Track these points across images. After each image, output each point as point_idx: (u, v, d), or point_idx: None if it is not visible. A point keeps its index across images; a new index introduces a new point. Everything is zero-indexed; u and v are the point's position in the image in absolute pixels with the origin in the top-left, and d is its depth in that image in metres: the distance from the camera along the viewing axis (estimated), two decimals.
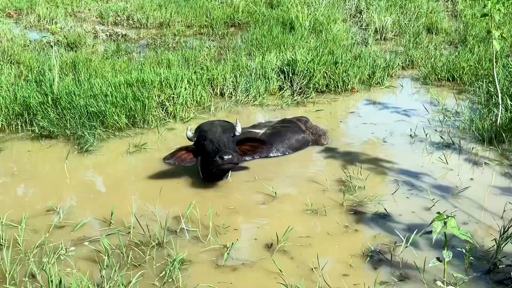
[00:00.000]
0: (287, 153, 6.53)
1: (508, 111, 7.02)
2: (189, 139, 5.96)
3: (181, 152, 5.86)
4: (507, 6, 12.41)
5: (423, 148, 6.63)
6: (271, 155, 6.43)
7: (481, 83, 8.51)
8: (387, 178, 5.83)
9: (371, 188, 5.54)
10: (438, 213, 3.94)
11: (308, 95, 8.73)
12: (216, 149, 5.57)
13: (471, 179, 5.73)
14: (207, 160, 5.65)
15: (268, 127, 6.85)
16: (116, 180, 5.97)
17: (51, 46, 10.66)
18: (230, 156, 5.44)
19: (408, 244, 4.41)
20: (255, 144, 6.04)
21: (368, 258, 4.33)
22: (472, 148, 6.54)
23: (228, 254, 4.39)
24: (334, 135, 7.20)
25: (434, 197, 5.29)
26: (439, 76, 9.55)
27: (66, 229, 4.87)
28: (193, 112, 8.00)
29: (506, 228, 4.34)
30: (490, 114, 7.19)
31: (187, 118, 7.82)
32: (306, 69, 9.01)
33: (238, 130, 6.04)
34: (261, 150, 6.10)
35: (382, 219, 4.94)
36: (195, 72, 8.94)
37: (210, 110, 8.09)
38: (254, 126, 6.97)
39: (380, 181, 5.78)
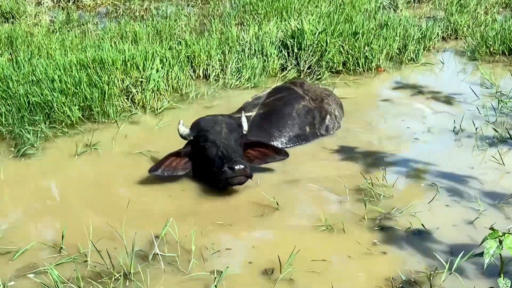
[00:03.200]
0: (292, 143, 6.67)
1: None
2: (183, 137, 6.02)
3: (171, 159, 5.91)
4: None
5: (471, 145, 6.68)
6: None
7: None
8: (421, 182, 5.88)
9: (401, 196, 5.58)
10: (492, 228, 3.94)
11: (319, 77, 8.76)
12: (222, 155, 5.64)
13: None
14: (210, 169, 5.72)
15: (259, 106, 6.96)
16: (66, 192, 5.99)
17: None
18: (243, 167, 5.50)
19: (452, 270, 4.43)
20: (266, 151, 6.14)
21: None
22: None
23: (215, 286, 4.41)
24: (353, 128, 7.26)
25: (484, 207, 5.33)
26: (491, 49, 9.61)
27: (4, 257, 4.88)
28: (168, 101, 8.02)
29: None
30: None
31: (159, 108, 7.86)
32: (317, 42, 9.06)
33: (245, 128, 6.13)
34: (273, 159, 6.17)
35: (416, 236, 4.97)
36: (170, 49, 8.97)
37: (189, 98, 8.11)
38: (241, 110, 7.06)
39: (411, 187, 5.83)
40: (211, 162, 5.70)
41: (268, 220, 5.35)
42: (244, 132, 6.09)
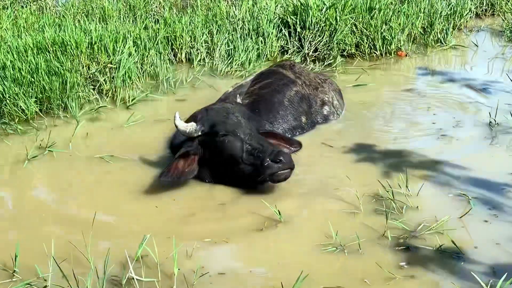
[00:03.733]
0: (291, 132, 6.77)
1: None
2: (188, 133, 5.97)
3: (178, 162, 5.92)
4: None
5: (508, 143, 6.71)
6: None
7: None
8: (451, 191, 5.86)
9: (428, 209, 5.56)
10: None
11: (328, 62, 8.73)
12: (254, 149, 5.77)
13: None
14: (237, 167, 5.85)
15: (243, 96, 6.96)
16: (18, 203, 5.94)
17: None
18: (289, 157, 5.72)
19: None
20: (277, 142, 6.24)
21: None
22: None
23: None
24: (370, 123, 7.26)
25: None
26: None
27: None
28: (142, 91, 7.97)
29: None
30: None
31: (132, 99, 7.82)
32: (324, 19, 9.04)
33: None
34: (285, 151, 6.19)
35: (449, 257, 4.93)
36: (145, 28, 8.92)
37: (167, 87, 8.06)
38: (222, 100, 7.07)
39: (440, 197, 5.80)
40: (238, 159, 5.81)
41: (270, 235, 5.31)
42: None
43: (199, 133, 5.98)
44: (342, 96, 7.64)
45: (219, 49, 8.78)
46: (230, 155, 5.86)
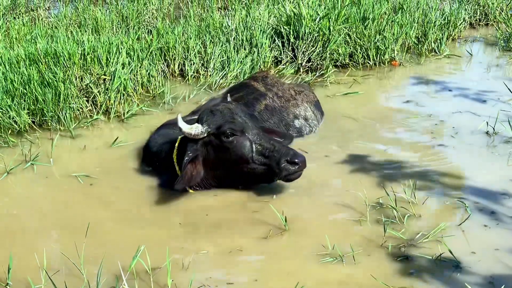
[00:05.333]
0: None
1: None
2: (194, 136, 5.91)
3: (188, 168, 5.88)
4: None
5: (507, 152, 6.70)
6: None
7: None
8: (450, 199, 5.84)
9: (427, 217, 5.54)
10: None
11: (321, 72, 8.73)
12: (267, 150, 5.82)
13: None
14: (249, 167, 5.88)
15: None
16: (11, 215, 5.91)
17: None
18: (304, 158, 5.80)
19: None
20: (271, 136, 6.24)
21: None
22: None
23: None
24: (365, 134, 7.23)
25: None
26: None
27: None
28: (137, 103, 7.95)
29: None
30: None
31: (127, 113, 7.79)
32: (317, 29, 9.05)
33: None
34: None
35: (447, 267, 4.91)
36: (138, 39, 8.90)
37: (163, 100, 8.06)
38: (195, 112, 7.06)
39: (438, 204, 5.79)
40: (249, 159, 5.84)
41: (275, 245, 5.28)
42: None
43: (205, 135, 5.95)
44: (319, 108, 7.61)
45: (213, 61, 8.76)
46: (239, 155, 5.85)
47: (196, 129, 5.93)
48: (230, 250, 5.23)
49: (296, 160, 5.74)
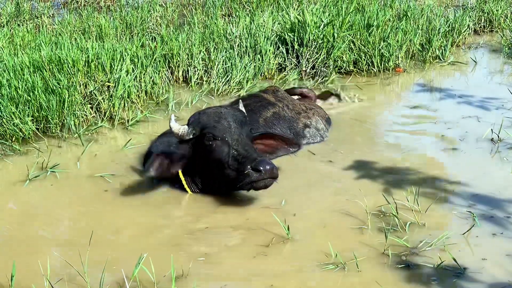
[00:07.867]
0: None
1: None
2: (180, 136, 5.97)
3: (160, 158, 5.95)
4: None
5: None
6: None
7: None
8: (454, 206, 5.82)
9: (431, 225, 5.52)
10: None
11: (326, 78, 8.73)
12: (239, 155, 5.75)
13: None
14: (222, 172, 5.84)
15: None
16: (15, 223, 5.91)
17: None
18: (270, 167, 5.62)
19: None
20: (275, 142, 6.26)
21: None
22: None
23: None
24: (368, 140, 7.23)
25: None
26: None
27: None
28: (141, 110, 7.95)
29: None
30: None
31: (131, 119, 7.80)
32: (322, 36, 9.06)
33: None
34: (285, 151, 6.28)
35: (451, 275, 4.88)
36: (142, 46, 8.91)
37: (168, 107, 8.05)
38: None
39: (442, 212, 5.76)
40: (224, 164, 5.80)
41: (277, 253, 5.25)
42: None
43: (191, 136, 5.97)
44: (330, 123, 7.62)
45: (217, 68, 8.77)
46: (217, 159, 5.84)
47: (182, 130, 5.97)
48: (234, 258, 5.22)
49: (260, 168, 5.60)
